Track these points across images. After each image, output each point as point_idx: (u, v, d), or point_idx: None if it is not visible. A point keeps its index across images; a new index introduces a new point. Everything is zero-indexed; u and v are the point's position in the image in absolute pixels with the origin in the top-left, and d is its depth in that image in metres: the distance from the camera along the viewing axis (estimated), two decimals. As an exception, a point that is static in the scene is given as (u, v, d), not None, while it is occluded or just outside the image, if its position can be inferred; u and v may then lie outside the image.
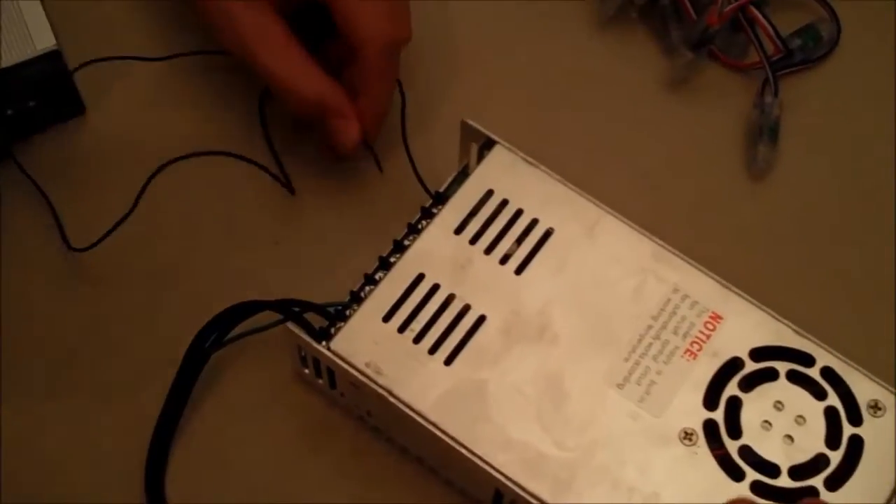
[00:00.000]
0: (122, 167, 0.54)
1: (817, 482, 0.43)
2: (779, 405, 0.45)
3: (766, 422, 0.44)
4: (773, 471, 0.44)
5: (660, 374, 0.45)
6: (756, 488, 0.43)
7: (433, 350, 0.45)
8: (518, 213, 0.48)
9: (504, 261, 0.47)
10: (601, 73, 0.58)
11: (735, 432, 0.44)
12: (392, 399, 0.44)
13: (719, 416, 0.44)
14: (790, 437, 0.44)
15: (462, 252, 0.47)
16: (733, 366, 0.45)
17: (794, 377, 0.45)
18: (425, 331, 0.45)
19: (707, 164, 0.56)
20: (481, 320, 0.46)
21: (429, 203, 0.49)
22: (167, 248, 0.53)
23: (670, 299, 0.46)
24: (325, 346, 0.45)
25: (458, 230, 0.48)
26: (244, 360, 0.49)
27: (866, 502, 0.43)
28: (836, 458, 0.44)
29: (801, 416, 0.45)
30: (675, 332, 0.46)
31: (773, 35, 0.56)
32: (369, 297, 0.46)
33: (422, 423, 0.44)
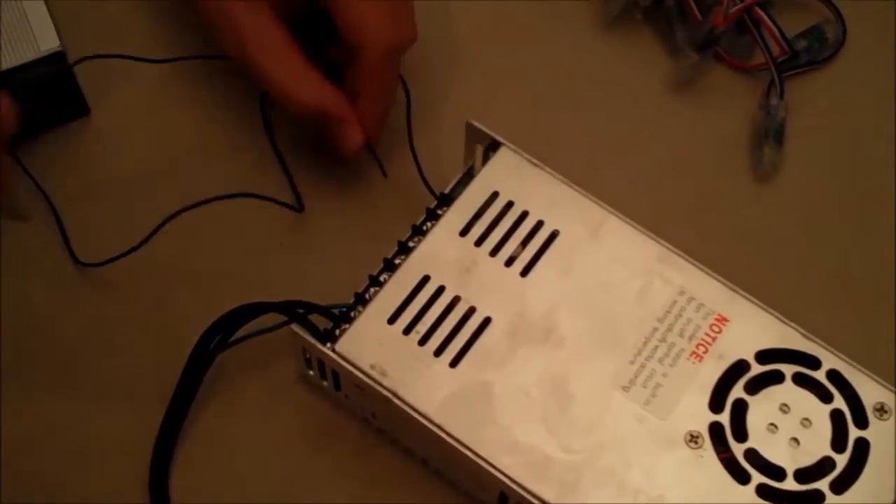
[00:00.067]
0: (126, 168, 0.54)
1: (823, 485, 0.43)
2: (785, 408, 0.45)
3: (772, 424, 0.44)
4: (778, 474, 0.43)
5: (665, 376, 0.45)
6: (762, 491, 0.43)
7: (438, 352, 0.45)
8: (523, 215, 0.48)
9: (509, 263, 0.47)
10: (606, 74, 0.58)
11: (741, 435, 0.44)
12: (397, 401, 0.44)
13: (725, 418, 0.44)
14: (796, 439, 0.44)
15: (467, 254, 0.47)
16: (739, 368, 0.45)
17: (799, 380, 0.45)
18: (430, 333, 0.45)
19: (712, 166, 0.55)
20: (487, 322, 0.46)
21: (434, 204, 0.49)
22: (172, 250, 0.52)
23: (676, 301, 0.46)
24: (330, 347, 0.45)
25: (464, 232, 0.47)
26: (249, 361, 0.49)
27: (872, 505, 0.43)
28: (841, 461, 0.44)
29: (806, 419, 0.45)
30: (681, 335, 0.46)
31: (779, 36, 0.56)
32: (374, 298, 0.46)
33: (427, 426, 0.44)
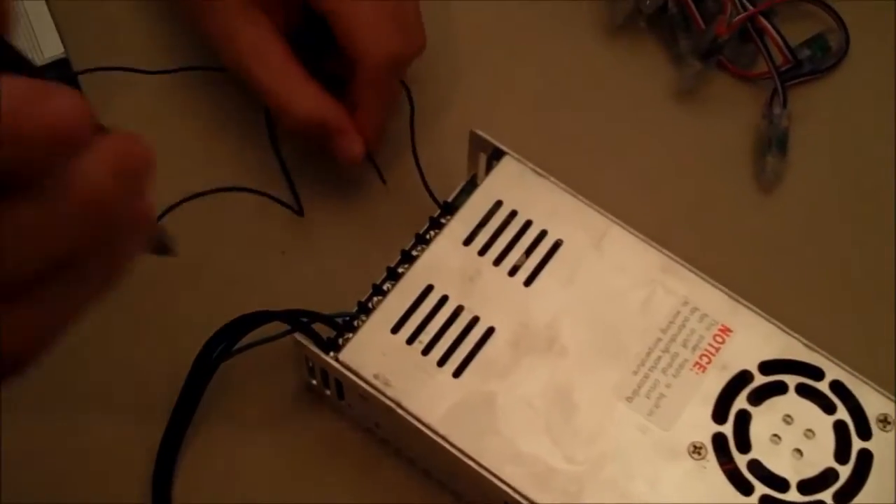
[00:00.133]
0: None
1: (826, 496, 0.43)
2: (788, 419, 0.45)
3: (776, 436, 0.44)
4: (782, 485, 0.43)
5: (669, 387, 0.45)
6: (765, 503, 0.43)
7: (442, 362, 0.45)
8: (527, 225, 0.48)
9: (513, 272, 0.47)
10: (609, 83, 0.58)
11: (744, 446, 0.44)
12: (400, 411, 0.44)
13: (728, 429, 0.44)
14: (799, 451, 0.44)
15: (471, 263, 0.47)
16: (742, 379, 0.45)
17: (803, 391, 0.45)
18: (434, 342, 0.45)
19: (715, 175, 0.55)
20: (490, 332, 0.46)
21: (437, 213, 0.49)
22: (174, 259, 0.52)
23: (679, 312, 0.46)
24: (334, 357, 0.45)
25: (467, 241, 0.47)
26: (252, 370, 0.49)
27: (876, 517, 0.43)
28: (845, 472, 0.44)
29: (810, 430, 0.45)
30: (685, 345, 0.46)
31: (782, 45, 0.56)
32: (378, 308, 0.46)
33: (430, 436, 0.44)
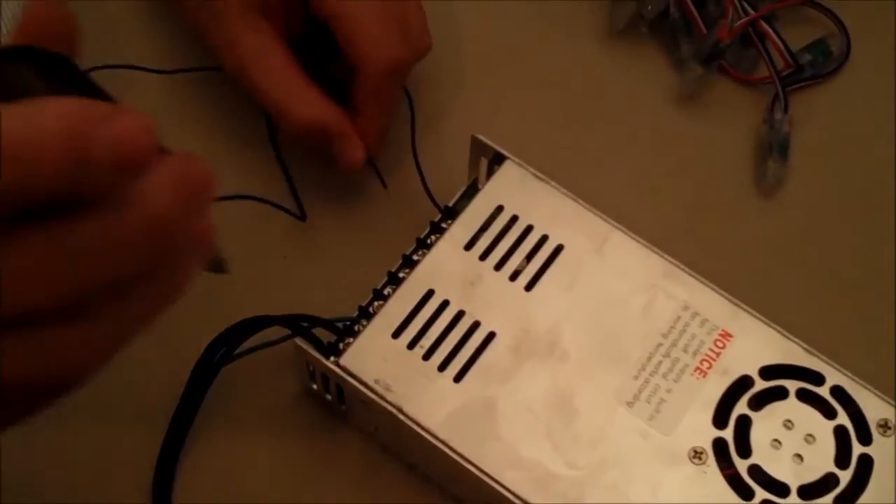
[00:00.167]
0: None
1: (827, 501, 0.43)
2: (788, 424, 0.45)
3: (776, 441, 0.44)
4: (782, 490, 0.44)
5: (670, 392, 0.45)
6: (766, 508, 0.43)
7: (443, 367, 0.45)
8: (528, 230, 0.48)
9: (514, 277, 0.47)
10: (611, 87, 0.58)
11: (745, 451, 0.44)
12: (401, 416, 0.44)
13: (729, 434, 0.44)
14: (800, 456, 0.44)
15: (472, 268, 0.47)
16: (743, 384, 0.45)
17: (803, 396, 0.45)
18: (435, 347, 0.45)
19: (716, 180, 0.55)
20: (491, 337, 0.46)
21: (438, 217, 0.49)
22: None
23: (680, 317, 0.46)
24: (334, 361, 0.45)
25: (468, 246, 0.47)
26: (253, 374, 0.49)
27: (876, 522, 0.43)
28: (845, 477, 0.44)
29: (810, 435, 0.45)
30: (685, 350, 0.46)
31: (784, 50, 0.56)
32: (379, 313, 0.46)
33: (431, 441, 0.44)
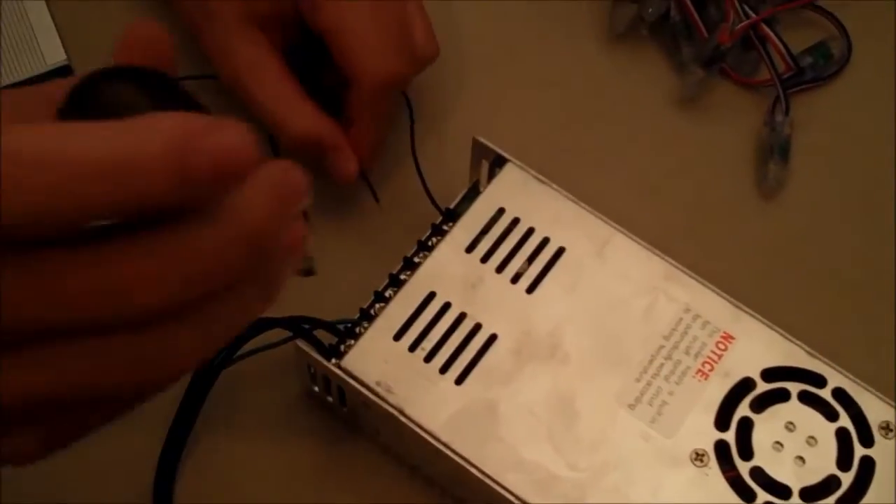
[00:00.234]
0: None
1: (829, 503, 0.43)
2: (790, 426, 0.45)
3: (778, 443, 0.44)
4: (784, 492, 0.43)
5: (671, 394, 0.45)
6: (768, 510, 0.43)
7: (444, 369, 0.45)
8: (529, 232, 0.48)
9: (515, 279, 0.47)
10: (612, 90, 0.58)
11: (746, 453, 0.44)
12: (403, 418, 0.44)
13: (731, 437, 0.44)
14: (801, 458, 0.44)
15: (473, 270, 0.47)
16: (745, 386, 0.45)
17: (805, 398, 0.45)
18: (436, 350, 0.45)
19: (718, 183, 0.55)
20: (492, 339, 0.46)
21: (439, 219, 0.49)
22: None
23: (682, 319, 0.46)
24: (336, 364, 0.45)
25: (470, 248, 0.47)
26: (254, 377, 0.49)
27: (878, 524, 0.43)
28: (847, 479, 0.44)
29: (812, 438, 0.45)
30: (687, 353, 0.46)
31: (785, 53, 0.56)
32: (380, 315, 0.46)
33: (432, 443, 0.44)
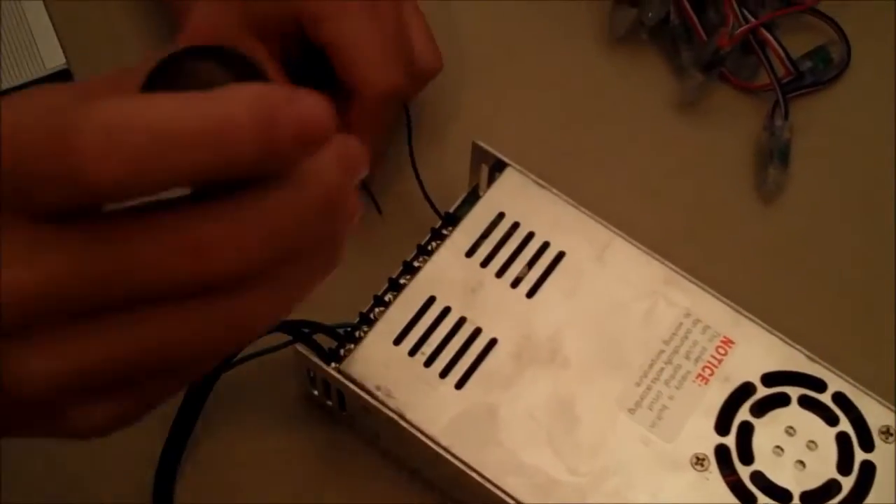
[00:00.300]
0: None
1: (829, 508, 0.43)
2: (791, 430, 0.45)
3: (778, 447, 0.44)
4: (784, 497, 0.43)
5: (672, 398, 0.45)
6: (768, 514, 0.43)
7: (444, 373, 0.45)
8: (529, 236, 0.48)
9: (515, 284, 0.47)
10: (611, 94, 0.58)
11: (747, 458, 0.44)
12: (403, 423, 0.44)
13: (731, 441, 0.44)
14: (802, 462, 0.44)
15: (473, 275, 0.47)
16: (745, 391, 0.45)
17: (805, 402, 0.45)
18: (436, 354, 0.45)
19: (717, 187, 0.55)
20: (493, 343, 0.46)
21: (439, 224, 0.49)
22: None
23: (682, 323, 0.46)
24: (335, 368, 0.45)
25: (470, 253, 0.47)
26: (253, 380, 0.49)
27: (878, 528, 0.43)
28: (847, 483, 0.44)
29: (812, 442, 0.45)
30: (687, 357, 0.46)
31: (784, 57, 0.56)
32: (380, 319, 0.46)
33: (432, 447, 0.44)
